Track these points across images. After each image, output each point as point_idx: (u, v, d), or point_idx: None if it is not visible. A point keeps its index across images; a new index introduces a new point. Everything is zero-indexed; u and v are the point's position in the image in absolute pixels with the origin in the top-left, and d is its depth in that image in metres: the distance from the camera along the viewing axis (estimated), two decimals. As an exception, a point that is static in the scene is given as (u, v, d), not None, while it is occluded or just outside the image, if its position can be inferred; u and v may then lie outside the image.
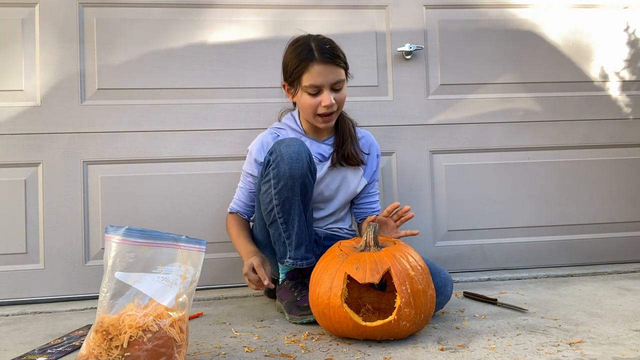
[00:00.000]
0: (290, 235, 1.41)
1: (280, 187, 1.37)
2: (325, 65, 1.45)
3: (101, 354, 0.93)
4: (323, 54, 1.45)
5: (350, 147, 1.59)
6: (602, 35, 2.14)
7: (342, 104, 1.53)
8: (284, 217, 1.40)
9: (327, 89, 1.47)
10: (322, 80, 1.46)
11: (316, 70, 1.45)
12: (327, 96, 1.47)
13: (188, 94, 1.90)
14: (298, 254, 1.42)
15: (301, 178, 1.36)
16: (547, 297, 1.61)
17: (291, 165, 1.35)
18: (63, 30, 1.83)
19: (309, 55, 1.45)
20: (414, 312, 1.16)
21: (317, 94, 1.48)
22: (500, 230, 2.05)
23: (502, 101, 2.07)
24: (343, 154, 1.58)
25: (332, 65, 1.46)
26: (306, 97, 1.49)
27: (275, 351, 1.16)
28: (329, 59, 1.45)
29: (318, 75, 1.45)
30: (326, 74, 1.46)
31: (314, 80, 1.46)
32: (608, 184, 2.11)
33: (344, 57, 1.51)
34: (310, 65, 1.45)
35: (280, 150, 1.37)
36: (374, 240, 1.26)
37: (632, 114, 2.14)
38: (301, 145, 1.39)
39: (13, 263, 1.78)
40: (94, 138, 1.84)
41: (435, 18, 2.05)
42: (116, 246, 0.99)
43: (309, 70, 1.45)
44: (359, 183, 1.64)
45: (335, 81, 1.47)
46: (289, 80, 1.52)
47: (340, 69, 1.49)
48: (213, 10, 1.92)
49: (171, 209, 1.86)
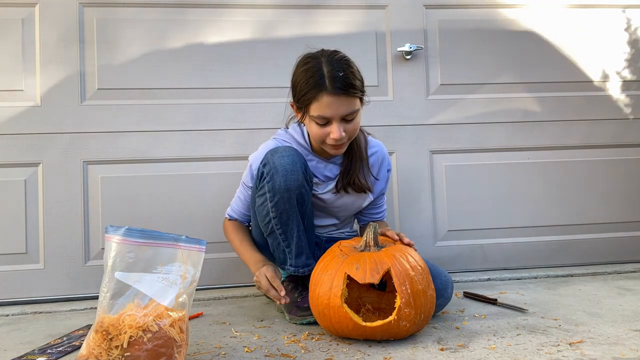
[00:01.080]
0: (290, 245, 1.39)
1: (276, 201, 1.33)
2: (336, 97, 1.29)
3: (101, 354, 0.93)
4: (335, 84, 1.29)
5: (359, 174, 1.48)
6: (602, 35, 2.14)
7: (354, 133, 1.38)
8: (282, 229, 1.37)
9: (337, 121, 1.32)
10: (332, 113, 1.31)
11: (326, 101, 1.30)
12: (336, 129, 1.32)
13: (188, 94, 1.90)
14: (299, 262, 1.41)
15: (297, 189, 1.32)
16: (547, 297, 1.61)
17: (286, 177, 1.30)
18: (63, 30, 1.84)
19: (320, 82, 1.29)
20: (414, 312, 1.15)
21: (325, 125, 1.34)
22: (500, 230, 2.05)
23: (502, 101, 2.07)
24: (349, 180, 1.47)
25: (345, 97, 1.30)
26: (314, 126, 1.36)
27: (275, 351, 1.16)
28: (341, 91, 1.29)
29: (327, 107, 1.30)
30: (337, 107, 1.30)
31: (322, 112, 1.31)
32: (608, 184, 2.11)
33: (360, 84, 1.35)
34: (319, 95, 1.30)
35: (274, 161, 1.32)
36: (374, 241, 1.26)
37: (632, 114, 2.14)
38: (295, 154, 1.34)
39: (13, 263, 1.78)
40: (94, 138, 1.84)
41: (435, 18, 2.05)
42: (116, 246, 0.99)
43: (318, 100, 1.30)
44: (364, 201, 1.57)
45: (346, 113, 1.32)
46: (297, 104, 1.38)
47: (355, 99, 1.33)
48: (213, 10, 1.92)
49: (171, 209, 1.86)
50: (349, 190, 1.50)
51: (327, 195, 1.51)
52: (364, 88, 1.37)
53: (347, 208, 1.57)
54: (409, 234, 1.96)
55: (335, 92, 1.29)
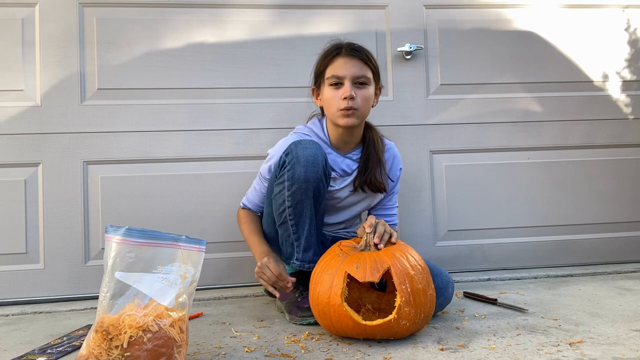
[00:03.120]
0: (300, 238, 1.40)
1: (294, 190, 1.35)
2: (350, 58, 1.44)
3: (101, 354, 0.93)
4: (349, 49, 1.45)
5: (376, 173, 1.52)
6: (602, 35, 2.14)
7: (364, 103, 1.45)
8: (295, 220, 1.39)
9: (348, 81, 1.43)
10: (345, 72, 1.43)
11: (340, 62, 1.44)
12: (348, 86, 1.42)
13: (188, 94, 1.90)
14: (306, 257, 1.41)
15: (316, 182, 1.35)
16: (547, 297, 1.61)
17: (307, 168, 1.33)
18: (63, 30, 1.83)
19: (336, 50, 1.47)
20: (414, 311, 1.16)
21: (338, 87, 1.44)
22: (500, 230, 2.05)
23: (502, 101, 2.07)
24: (366, 179, 1.51)
25: (357, 60, 1.44)
26: (327, 90, 1.46)
27: (275, 351, 1.16)
28: (355, 52, 1.45)
29: (341, 66, 1.44)
30: (349, 67, 1.43)
31: (336, 71, 1.44)
32: (608, 184, 2.11)
33: (374, 60, 1.49)
34: (335, 58, 1.45)
35: (296, 152, 1.35)
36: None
37: (632, 114, 2.14)
38: (318, 148, 1.37)
39: (13, 263, 1.78)
40: (94, 138, 1.84)
41: (435, 18, 2.05)
42: (116, 246, 0.99)
43: (333, 62, 1.45)
44: (374, 199, 1.60)
45: (358, 75, 1.44)
46: (316, 78, 1.52)
47: (367, 67, 1.46)
48: (213, 10, 1.92)
49: (171, 209, 1.86)
50: (366, 189, 1.54)
51: (343, 192, 1.54)
52: (378, 70, 1.50)
53: (358, 206, 1.60)
54: (409, 234, 1.98)
55: (350, 54, 1.44)
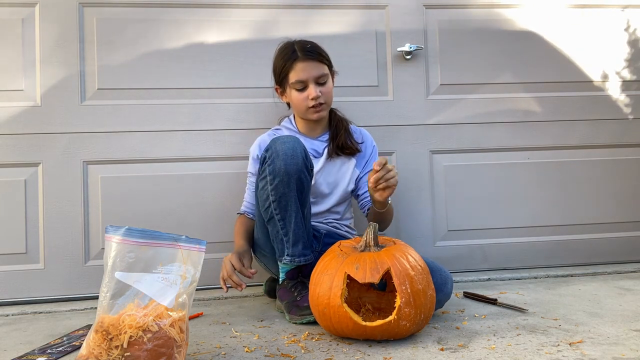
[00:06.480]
0: (288, 232, 1.42)
1: (276, 183, 1.39)
2: (307, 62, 1.57)
3: (101, 354, 0.93)
4: (305, 52, 1.58)
5: (345, 137, 1.67)
6: (602, 35, 2.14)
7: (328, 96, 1.62)
8: (281, 214, 1.41)
9: (312, 83, 1.58)
10: (306, 75, 1.57)
11: (300, 67, 1.57)
12: (313, 89, 1.57)
13: (188, 94, 1.90)
14: (296, 251, 1.43)
15: (297, 174, 1.38)
16: (547, 297, 1.61)
17: (286, 161, 1.38)
18: (63, 30, 1.83)
19: (293, 55, 1.58)
20: (414, 311, 1.16)
21: (303, 89, 1.59)
22: (500, 230, 2.05)
23: (502, 101, 2.07)
24: (338, 143, 1.66)
25: (314, 62, 1.58)
26: (295, 94, 1.60)
27: (275, 351, 1.16)
28: (310, 56, 1.58)
29: (302, 71, 1.57)
30: (309, 70, 1.57)
31: (298, 77, 1.57)
32: (608, 184, 2.11)
33: (326, 54, 1.63)
34: (294, 64, 1.57)
35: (275, 147, 1.40)
36: (373, 240, 1.26)
37: (632, 114, 2.14)
38: (296, 142, 1.42)
39: (13, 263, 1.78)
40: (94, 138, 1.84)
41: (435, 18, 2.05)
42: (116, 246, 0.99)
43: (293, 68, 1.57)
44: (351, 176, 1.68)
45: (318, 75, 1.58)
46: (279, 81, 1.64)
47: (323, 65, 1.60)
48: (213, 10, 1.92)
49: (171, 209, 1.86)
50: (339, 152, 1.67)
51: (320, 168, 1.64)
52: (330, 61, 1.64)
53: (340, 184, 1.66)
54: (409, 234, 1.98)
55: (306, 57, 1.57)
